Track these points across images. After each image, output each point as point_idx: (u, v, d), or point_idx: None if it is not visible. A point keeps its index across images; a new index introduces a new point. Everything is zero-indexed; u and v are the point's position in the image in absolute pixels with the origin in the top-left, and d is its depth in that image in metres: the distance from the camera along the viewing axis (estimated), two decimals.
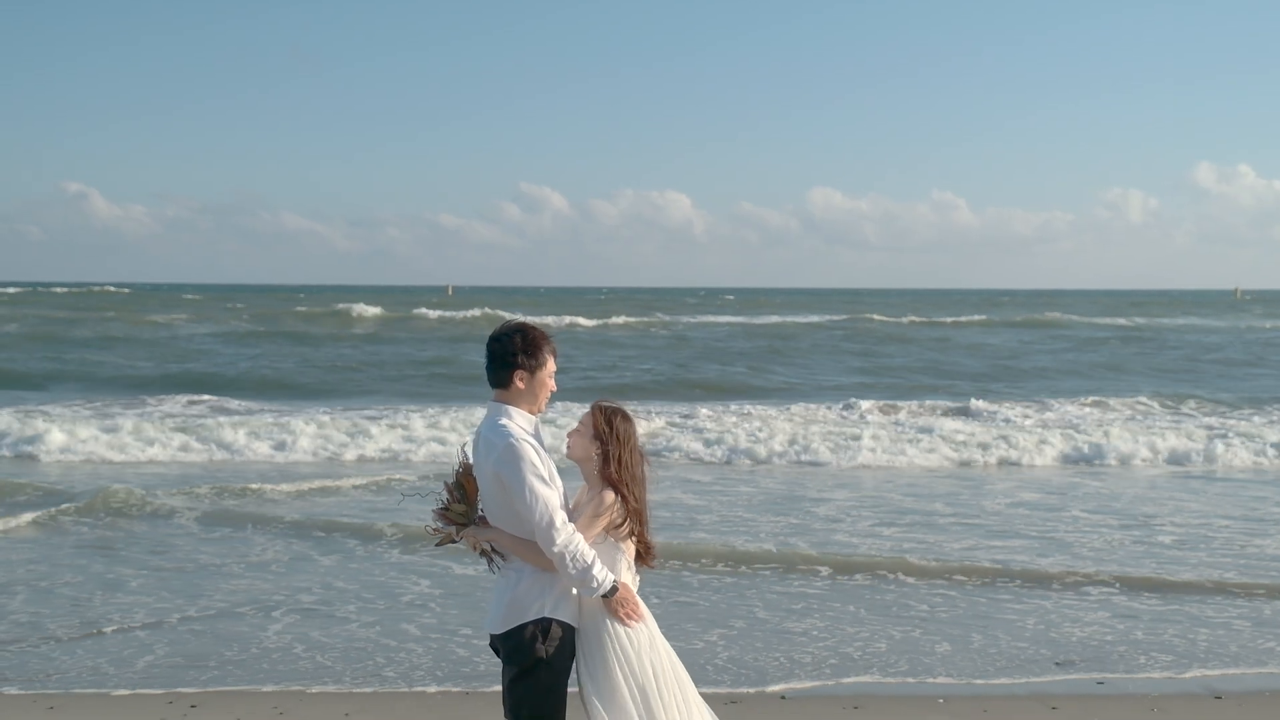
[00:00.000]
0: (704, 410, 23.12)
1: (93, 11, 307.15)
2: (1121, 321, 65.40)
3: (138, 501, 13.67)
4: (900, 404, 24.86)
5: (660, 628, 4.65)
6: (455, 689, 7.78)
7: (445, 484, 4.63)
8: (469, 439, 4.71)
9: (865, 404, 24.69)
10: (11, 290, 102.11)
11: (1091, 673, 8.18)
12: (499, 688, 4.67)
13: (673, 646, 4.66)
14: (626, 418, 4.63)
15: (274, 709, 7.31)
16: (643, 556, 4.65)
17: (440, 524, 4.61)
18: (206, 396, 25.29)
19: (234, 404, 24.27)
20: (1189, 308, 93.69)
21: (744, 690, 7.69)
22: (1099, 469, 18.21)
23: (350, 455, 18.36)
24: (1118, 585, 10.51)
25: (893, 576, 10.72)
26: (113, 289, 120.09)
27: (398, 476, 16.35)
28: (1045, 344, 47.11)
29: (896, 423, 22.16)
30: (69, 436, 18.49)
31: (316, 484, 15.52)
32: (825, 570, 10.94)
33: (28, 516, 12.83)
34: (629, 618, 4.47)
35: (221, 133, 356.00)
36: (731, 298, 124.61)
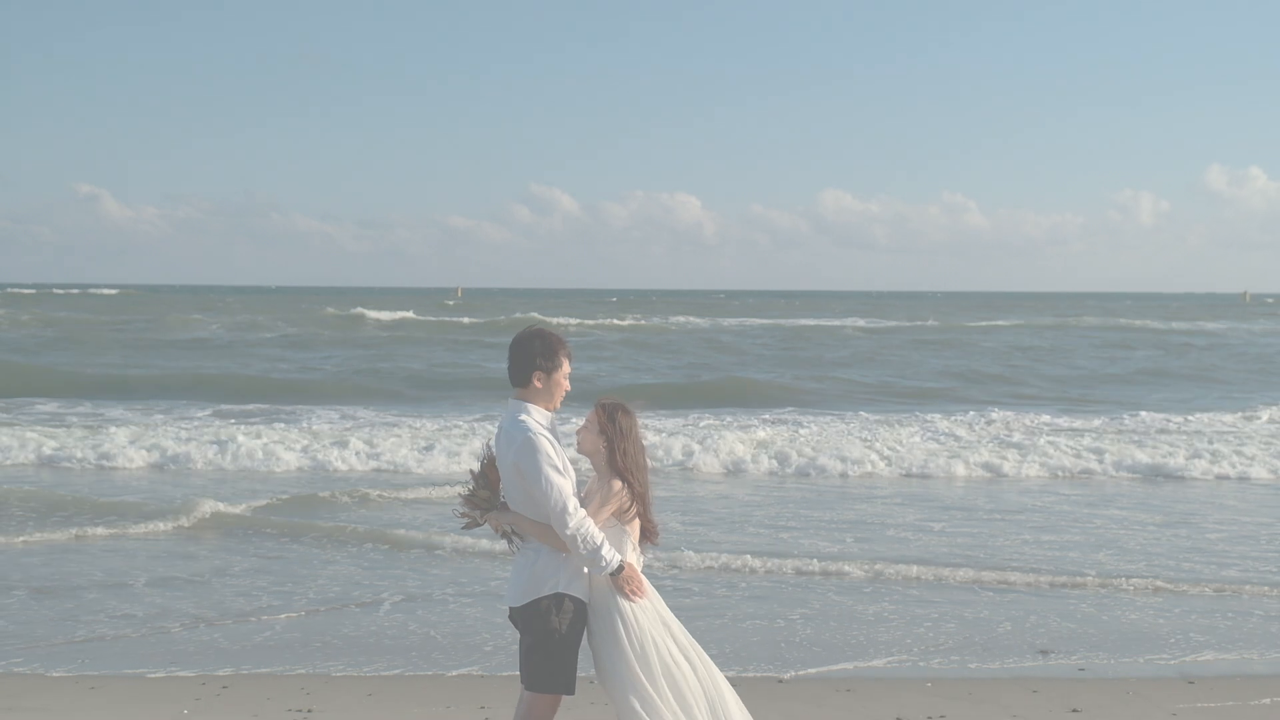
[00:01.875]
0: (801, 416, 23.64)
1: (104, 13, 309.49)
2: (1176, 325, 64.34)
3: (241, 511, 13.91)
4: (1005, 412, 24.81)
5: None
6: (476, 671, 8.28)
7: (471, 473, 5.19)
8: (493, 433, 5.25)
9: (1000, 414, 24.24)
10: (29, 291, 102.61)
11: (1075, 658, 8.65)
12: (514, 672, 5.18)
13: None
14: (628, 413, 5.15)
15: (301, 689, 7.78)
16: (648, 535, 5.19)
17: (467, 509, 5.17)
18: (313, 408, 24.64)
19: (307, 410, 23.88)
20: (1219, 311, 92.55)
21: (749, 675, 8.16)
22: None
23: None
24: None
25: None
26: (133, 290, 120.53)
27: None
28: (1115, 349, 46.30)
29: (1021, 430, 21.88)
30: (169, 444, 18.31)
31: (426, 492, 15.63)
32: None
33: (151, 525, 13.10)
34: (634, 594, 5.00)
35: (232, 134, 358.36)
36: (737, 302, 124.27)
